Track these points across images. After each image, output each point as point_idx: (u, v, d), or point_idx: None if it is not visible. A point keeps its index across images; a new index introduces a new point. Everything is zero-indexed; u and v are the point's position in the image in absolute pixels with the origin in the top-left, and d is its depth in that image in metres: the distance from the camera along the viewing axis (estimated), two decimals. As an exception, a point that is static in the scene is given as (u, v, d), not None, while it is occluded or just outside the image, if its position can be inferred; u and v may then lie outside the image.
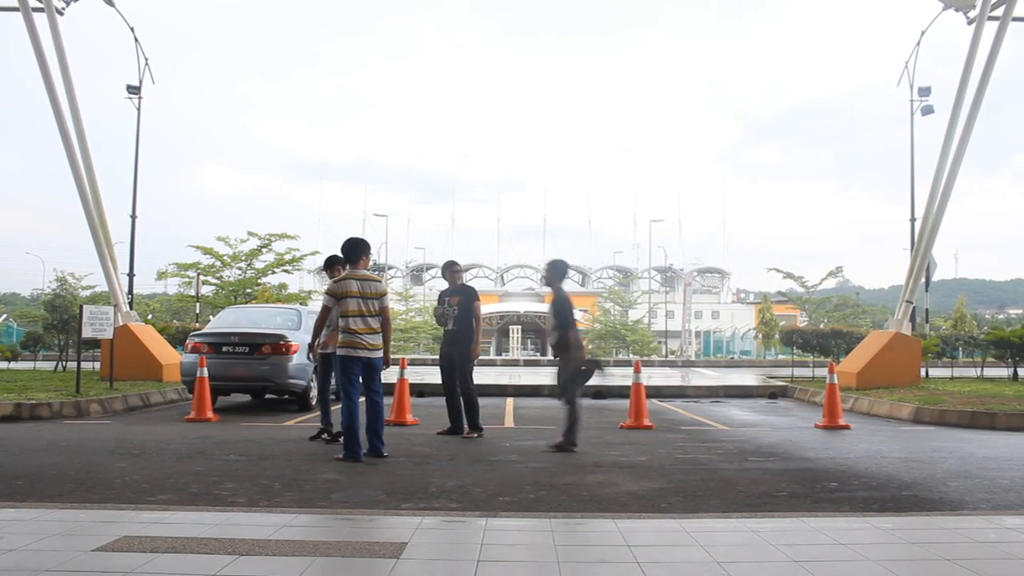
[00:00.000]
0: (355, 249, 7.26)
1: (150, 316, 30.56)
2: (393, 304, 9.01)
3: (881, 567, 3.54)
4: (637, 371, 10.21)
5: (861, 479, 6.26)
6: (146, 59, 18.71)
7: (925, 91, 19.93)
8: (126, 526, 4.23)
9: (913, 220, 19.33)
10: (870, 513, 4.93)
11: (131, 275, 20.67)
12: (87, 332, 12.42)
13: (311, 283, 50.85)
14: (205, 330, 12.36)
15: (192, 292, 24.68)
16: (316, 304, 29.32)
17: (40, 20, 14.36)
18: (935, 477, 6.33)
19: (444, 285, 9.51)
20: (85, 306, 12.94)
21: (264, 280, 25.18)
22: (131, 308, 18.47)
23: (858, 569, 3.53)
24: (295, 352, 11.28)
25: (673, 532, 4.23)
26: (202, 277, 24.23)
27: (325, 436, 8.27)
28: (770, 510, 5.06)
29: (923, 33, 18.28)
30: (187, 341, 11.90)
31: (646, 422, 9.72)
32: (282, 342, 11.25)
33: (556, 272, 8.17)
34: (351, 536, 4.11)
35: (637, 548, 3.84)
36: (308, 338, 11.80)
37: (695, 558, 3.70)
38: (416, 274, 71.25)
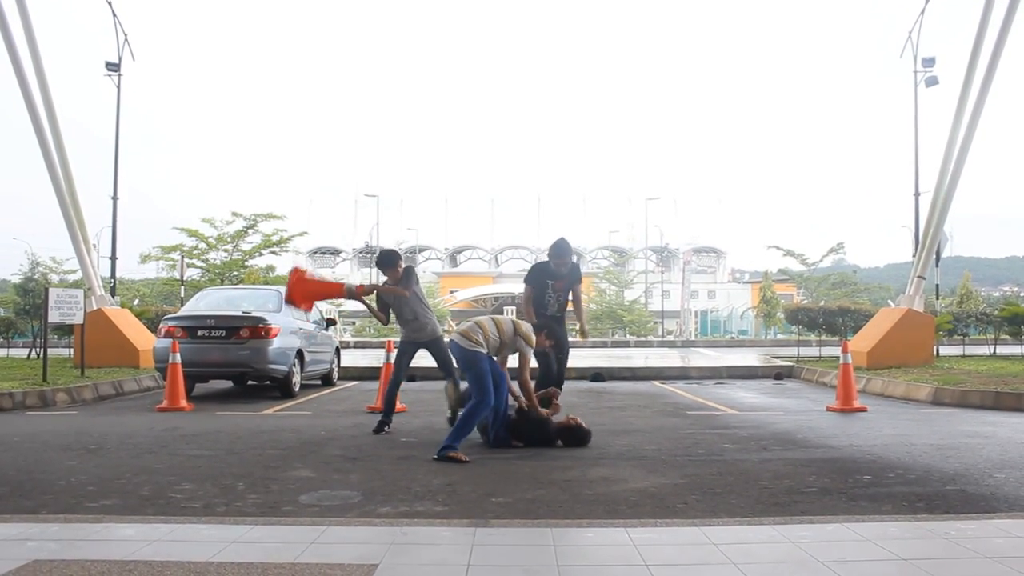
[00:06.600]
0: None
1: (135, 301, 29.75)
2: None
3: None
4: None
5: (896, 471, 5.59)
6: (125, 35, 17.88)
7: (929, 62, 19.19)
8: (44, 545, 3.54)
9: (917, 195, 18.64)
10: (920, 515, 4.26)
11: (113, 258, 19.94)
12: (54, 317, 11.67)
13: (304, 265, 49.82)
14: (179, 313, 11.63)
15: (177, 275, 23.91)
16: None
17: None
18: (978, 467, 5.67)
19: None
20: (52, 289, 12.17)
21: (252, 262, 24.45)
22: (114, 292, 17.75)
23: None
24: (275, 335, 10.57)
25: (699, 545, 3.55)
26: (187, 260, 23.47)
27: (387, 429, 7.66)
28: (803, 511, 4.38)
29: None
30: (160, 325, 11.19)
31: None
32: (261, 325, 10.53)
33: None
34: (311, 556, 3.40)
35: (659, 570, 3.16)
36: (290, 320, 11.14)
37: (730, 582, 3.02)
38: (409, 256, 70.21)
